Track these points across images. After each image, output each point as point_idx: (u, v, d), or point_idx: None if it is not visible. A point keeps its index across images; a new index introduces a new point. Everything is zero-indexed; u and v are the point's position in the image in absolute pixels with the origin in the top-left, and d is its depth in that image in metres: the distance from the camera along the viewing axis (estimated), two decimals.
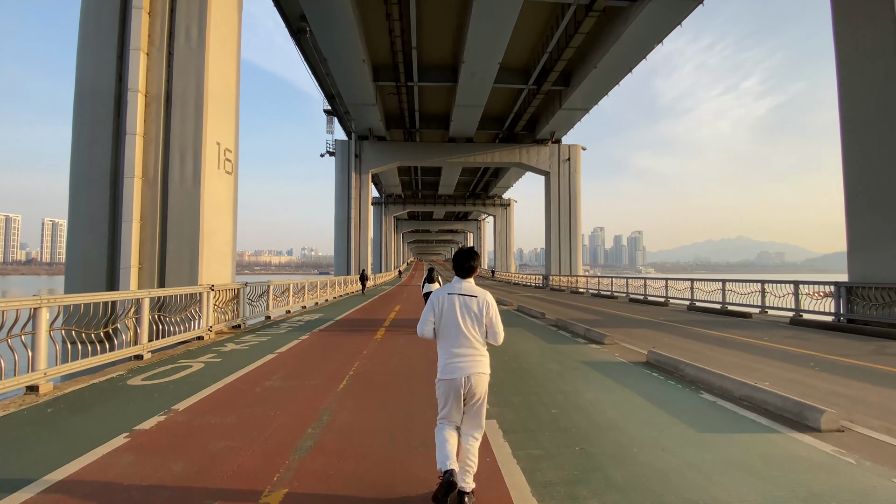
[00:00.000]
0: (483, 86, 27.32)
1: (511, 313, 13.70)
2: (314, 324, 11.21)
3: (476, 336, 2.68)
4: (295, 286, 15.12)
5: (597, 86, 27.99)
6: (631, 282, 23.14)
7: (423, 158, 38.35)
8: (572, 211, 38.05)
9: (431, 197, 65.88)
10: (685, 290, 18.51)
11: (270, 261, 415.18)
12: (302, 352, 7.37)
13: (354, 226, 36.69)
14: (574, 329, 9.42)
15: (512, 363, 6.44)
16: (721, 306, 15.82)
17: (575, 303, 18.91)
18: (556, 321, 10.82)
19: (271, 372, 5.92)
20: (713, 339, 8.73)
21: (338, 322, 11.60)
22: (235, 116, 10.72)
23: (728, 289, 16.07)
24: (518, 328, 10.19)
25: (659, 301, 19.02)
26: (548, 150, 38.24)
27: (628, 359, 6.69)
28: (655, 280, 21.32)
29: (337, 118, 37.78)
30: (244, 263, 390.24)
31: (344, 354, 7.11)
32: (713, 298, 16.61)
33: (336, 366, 6.24)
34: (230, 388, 5.11)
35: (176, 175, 9.29)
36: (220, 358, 6.87)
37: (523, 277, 45.89)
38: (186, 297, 8.42)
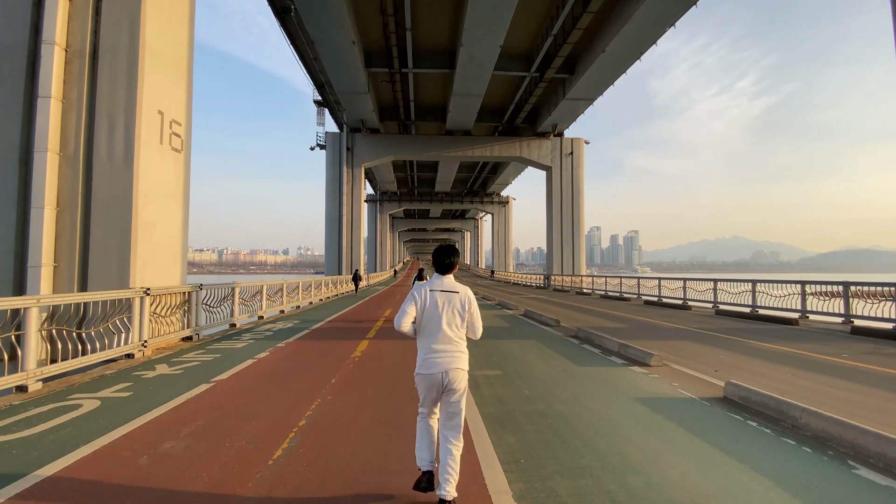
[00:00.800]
0: (482, 72, 25.46)
1: (518, 320, 11.86)
2: (284, 334, 9.32)
3: (457, 332, 2.67)
4: (270, 288, 13.21)
5: (603, 73, 26.18)
6: (642, 282, 21.37)
7: (418, 152, 36.45)
8: (575, 208, 36.26)
9: (428, 194, 64.00)
10: (706, 292, 16.75)
11: (266, 260, 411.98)
12: (246, 381, 5.47)
13: (346, 223, 34.74)
14: (604, 343, 7.58)
15: (535, 399, 4.60)
16: (751, 310, 14.07)
17: (585, 305, 17.10)
18: (577, 331, 8.98)
19: (185, 420, 4.04)
20: (780, 357, 6.92)
21: (314, 331, 9.72)
22: (187, 82, 8.80)
23: (758, 290, 14.32)
24: (531, 341, 8.35)
25: (676, 304, 17.27)
26: (549, 144, 36.42)
27: (696, 392, 4.85)
28: (670, 280, 19.56)
29: (328, 109, 35.81)
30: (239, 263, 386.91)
31: (302, 385, 5.23)
32: (741, 301, 14.86)
33: (282, 409, 4.35)
34: (96, 459, 3.23)
35: (103, 150, 7.37)
36: (130, 391, 4.97)
37: (523, 277, 44.10)
38: (110, 305, 6.52)
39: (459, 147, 35.96)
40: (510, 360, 6.60)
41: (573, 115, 33.95)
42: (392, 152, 35.92)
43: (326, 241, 35.32)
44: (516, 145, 36.26)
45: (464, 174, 55.60)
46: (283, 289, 14.17)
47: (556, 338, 8.70)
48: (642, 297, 20.61)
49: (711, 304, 16.19)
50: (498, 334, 9.19)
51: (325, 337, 8.98)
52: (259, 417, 4.08)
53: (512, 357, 6.79)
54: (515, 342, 8.13)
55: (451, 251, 2.79)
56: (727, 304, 15.41)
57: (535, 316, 11.90)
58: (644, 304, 17.81)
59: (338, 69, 25.86)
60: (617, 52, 23.71)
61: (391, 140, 36.04)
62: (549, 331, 9.63)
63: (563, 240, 36.14)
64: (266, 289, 12.82)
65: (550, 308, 15.56)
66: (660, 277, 20.14)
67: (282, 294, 14.11)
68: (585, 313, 13.93)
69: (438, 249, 2.80)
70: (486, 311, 14.37)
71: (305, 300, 17.10)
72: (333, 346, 7.83)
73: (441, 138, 35.90)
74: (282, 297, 14.11)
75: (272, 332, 9.67)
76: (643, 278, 21.66)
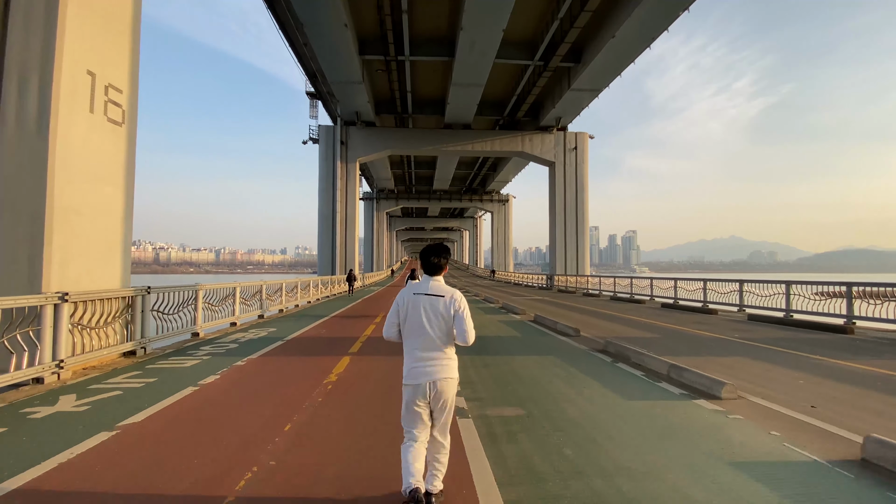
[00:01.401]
0: (484, 60, 23.91)
1: (529, 328, 10.33)
2: (251, 346, 7.77)
3: (441, 339, 2.50)
4: (246, 291, 11.64)
5: (612, 60, 24.66)
6: (656, 283, 19.87)
7: (416, 146, 34.89)
8: (579, 205, 34.77)
9: (426, 192, 62.43)
10: (730, 294, 15.25)
11: (264, 260, 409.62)
12: (162, 428, 3.90)
13: (340, 220, 33.15)
14: (646, 362, 6.04)
15: (584, 468, 3.04)
16: (785, 314, 12.59)
17: (597, 308, 15.59)
18: (605, 344, 7.44)
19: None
20: (872, 381, 5.41)
21: (289, 343, 8.16)
22: (131, 42, 7.22)
23: (792, 292, 12.84)
24: (551, 357, 6.82)
25: (695, 307, 15.78)
26: (552, 138, 34.91)
27: (816, 450, 3.31)
28: (688, 282, 18.08)
29: (321, 102, 34.22)
30: (237, 263, 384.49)
31: (238, 436, 3.67)
32: (772, 305, 13.37)
33: (204, 477, 2.81)
34: None
35: (11, 114, 5.79)
36: None
37: (525, 278, 42.57)
38: (5, 315, 4.95)
39: (459, 141, 34.42)
40: (532, 388, 5.07)
41: (577, 109, 32.46)
42: (388, 146, 34.34)
43: (319, 240, 33.72)
44: (518, 140, 34.73)
45: (463, 171, 54.06)
46: (261, 291, 12.60)
47: (581, 353, 7.16)
48: (655, 298, 19.13)
49: (737, 307, 14.72)
50: (509, 348, 7.66)
51: (300, 351, 7.43)
52: None
53: (533, 384, 5.26)
54: (533, 360, 6.60)
55: (439, 250, 2.61)
56: (756, 308, 13.94)
57: (547, 323, 10.36)
58: (661, 308, 16.31)
59: (329, 56, 24.27)
60: (627, 38, 22.20)
61: (387, 134, 34.46)
62: (569, 343, 8.10)
63: (566, 239, 34.64)
64: (241, 291, 11.25)
65: (561, 312, 14.04)
66: (676, 278, 18.65)
67: (259, 297, 12.53)
68: (600, 318, 12.41)
69: (426, 249, 2.62)
70: (491, 315, 12.84)
71: (290, 303, 15.54)
72: (305, 366, 6.28)
73: (440, 132, 34.34)
74: (260, 300, 12.54)
75: (238, 343, 8.11)
76: (657, 279, 20.17)
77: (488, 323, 11.03)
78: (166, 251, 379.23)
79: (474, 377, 5.52)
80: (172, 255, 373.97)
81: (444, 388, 2.45)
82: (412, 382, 2.47)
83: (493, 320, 11.63)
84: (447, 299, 2.51)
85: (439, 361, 2.48)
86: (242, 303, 11.41)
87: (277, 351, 7.40)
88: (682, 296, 17.56)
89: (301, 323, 11.17)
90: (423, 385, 2.43)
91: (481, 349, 7.28)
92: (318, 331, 9.79)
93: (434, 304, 2.49)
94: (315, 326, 10.52)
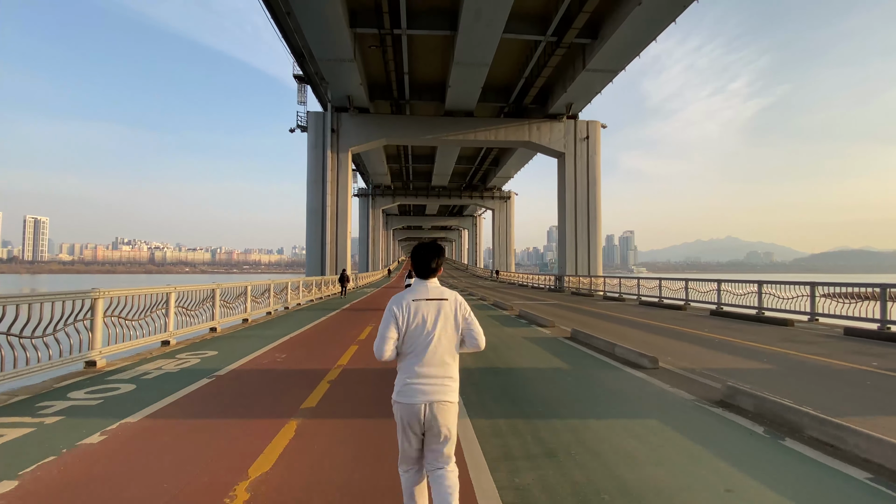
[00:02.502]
0: (490, 32, 21.09)
1: (572, 350, 7.50)
2: (150, 393, 4.88)
3: (450, 350, 2.12)
4: (187, 297, 8.76)
5: (634, 34, 21.86)
6: (691, 285, 17.07)
7: (414, 135, 32.02)
8: (591, 199, 31.99)
9: (424, 189, 59.56)
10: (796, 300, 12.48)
11: (260, 259, 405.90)
12: None
13: (331, 215, 30.25)
14: (850, 442, 3.21)
15: None
16: (879, 326, 9.89)
17: (636, 318, 12.78)
18: (728, 393, 4.44)
19: None
20: None
21: (213, 385, 5.28)
22: None
23: None
24: (653, 422, 3.96)
25: (748, 314, 13.03)
26: (562, 127, 32.12)
27: None
28: (728, 282, 15.35)
29: (310, 86, 31.34)
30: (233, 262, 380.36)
31: None
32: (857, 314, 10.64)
33: None
34: None
35: None
36: None
37: (532, 278, 39.71)
38: None
39: (460, 130, 31.58)
40: None
41: (589, 95, 29.70)
42: (384, 135, 31.45)
43: (308, 237, 30.81)
44: (525, 128, 31.92)
45: (463, 166, 51.25)
46: (214, 296, 9.70)
47: (691, 407, 4.29)
48: (690, 303, 16.35)
49: (808, 315, 11.96)
50: (564, 395, 4.77)
51: (222, 404, 4.54)
52: None
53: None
54: (621, 428, 3.74)
55: (434, 250, 2.23)
56: (828, 316, 11.22)
57: (596, 343, 7.52)
58: (711, 315, 13.52)
59: (317, 28, 21.40)
60: (655, 4, 19.44)
61: (382, 121, 31.57)
62: (651, 383, 5.24)
63: (577, 236, 31.85)
64: (180, 298, 8.37)
65: (596, 324, 11.24)
66: (718, 280, 15.87)
67: (211, 302, 9.64)
68: (652, 332, 9.61)
69: (419, 248, 2.23)
70: (512, 329, 10.02)
71: (261, 310, 12.68)
72: (210, 446, 3.43)
73: (439, 120, 31.49)
74: (212, 308, 9.65)
75: (139, 383, 5.24)
76: (694, 280, 17.38)
77: (513, 342, 8.20)
78: (162, 251, 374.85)
79: (532, 485, 2.71)
80: (168, 254, 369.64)
81: (441, 412, 2.04)
82: (405, 401, 2.06)
83: (517, 337, 8.79)
84: (452, 302, 2.15)
85: (440, 380, 2.08)
86: (184, 313, 8.54)
87: (188, 401, 4.54)
88: (729, 300, 14.81)
89: (260, 340, 8.32)
90: (416, 406, 2.03)
91: (520, 398, 4.52)
92: (276, 355, 6.92)
93: (441, 309, 2.12)
94: (275, 347, 7.66)
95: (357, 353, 7.04)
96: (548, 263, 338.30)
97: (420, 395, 2.03)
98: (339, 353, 7.02)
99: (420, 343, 2.08)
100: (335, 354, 6.96)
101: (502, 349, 7.34)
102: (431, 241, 2.31)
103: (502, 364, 6.17)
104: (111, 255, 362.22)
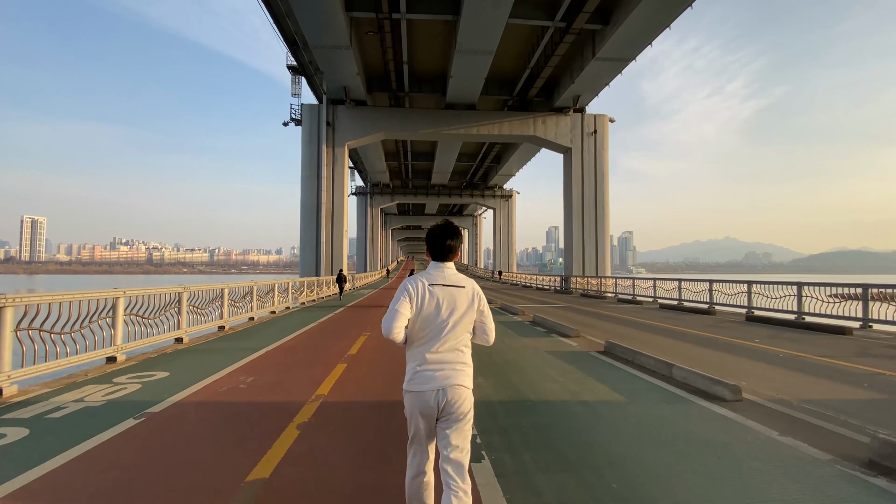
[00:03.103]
0: (495, 15, 19.66)
1: (616, 371, 6.05)
2: (72, 433, 3.46)
3: (463, 339, 2.03)
4: (134, 302, 7.27)
5: (648, 18, 20.42)
6: (716, 286, 15.61)
7: (413, 129, 30.55)
8: (599, 197, 30.58)
9: (423, 187, 58.08)
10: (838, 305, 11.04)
11: (258, 260, 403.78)
12: None
13: (326, 212, 28.76)
14: None
15: None
16: None
17: (663, 323, 11.34)
18: (881, 450, 3.07)
19: None
20: None
21: (138, 430, 3.81)
22: None
23: None
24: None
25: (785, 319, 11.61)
26: (569, 121, 30.71)
27: None
28: (760, 283, 13.94)
29: (305, 78, 29.84)
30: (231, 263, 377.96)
31: None
32: None
33: None
34: None
35: None
36: None
37: (536, 279, 38.22)
38: None
39: (462, 124, 30.13)
40: None
41: (596, 87, 28.31)
42: (382, 129, 29.98)
43: (302, 236, 29.30)
44: (529, 122, 30.49)
45: (464, 164, 49.80)
46: (181, 301, 8.21)
47: (835, 476, 2.82)
48: (715, 307, 14.89)
49: (860, 321, 10.54)
50: (634, 453, 3.27)
51: (124, 474, 3.08)
52: None
53: None
54: None
55: (451, 231, 2.10)
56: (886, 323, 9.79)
57: (643, 363, 6.04)
58: (746, 321, 12.08)
59: (310, 12, 19.94)
60: None
61: (380, 114, 30.10)
62: (754, 430, 3.75)
63: (584, 235, 30.42)
64: (130, 303, 6.90)
65: (621, 331, 9.82)
66: (749, 281, 14.46)
67: (179, 310, 8.16)
68: (695, 343, 8.18)
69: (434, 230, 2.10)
70: (530, 339, 8.57)
71: (242, 315, 11.22)
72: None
73: (440, 113, 30.04)
74: (178, 315, 8.17)
75: (39, 426, 3.78)
76: (719, 281, 15.95)
77: (537, 359, 6.72)
78: (160, 251, 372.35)
79: None
80: (166, 255, 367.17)
81: (456, 396, 1.93)
82: (415, 389, 1.96)
83: (540, 351, 7.33)
84: (469, 290, 2.03)
85: (453, 366, 1.97)
86: (138, 321, 7.06)
87: (83, 464, 3.08)
88: (759, 303, 13.38)
89: (228, 355, 6.85)
90: (428, 393, 1.93)
91: (575, 459, 3.08)
92: (240, 378, 5.45)
93: (458, 297, 2.00)
94: (244, 366, 6.19)
95: (345, 376, 5.58)
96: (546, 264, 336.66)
97: (432, 381, 1.95)
98: (321, 376, 5.56)
99: (433, 329, 1.99)
100: (316, 377, 5.49)
101: (528, 370, 5.89)
102: (447, 222, 2.14)
103: (533, 394, 4.73)
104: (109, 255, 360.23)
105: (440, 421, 1.94)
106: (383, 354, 6.96)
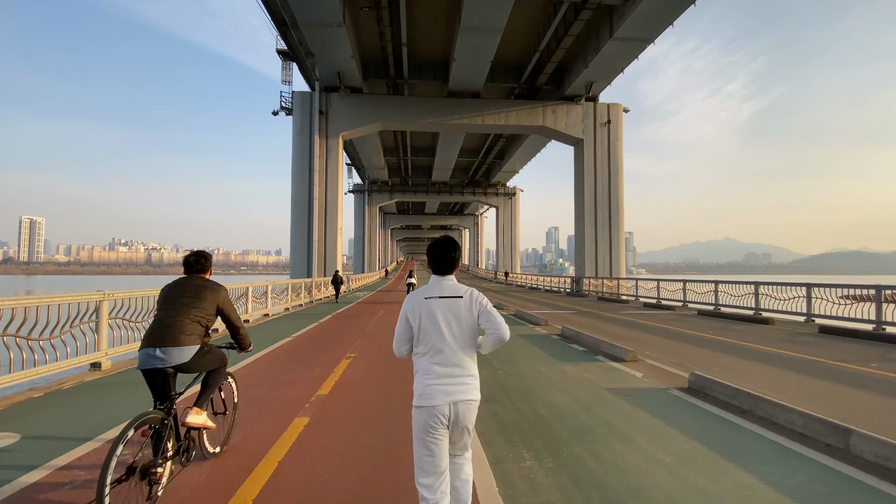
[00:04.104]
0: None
1: (720, 426, 3.87)
2: None
3: (465, 350, 2.07)
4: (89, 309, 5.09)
5: None
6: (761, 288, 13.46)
7: (413, 118, 28.39)
8: (613, 191, 28.43)
9: (424, 185, 55.95)
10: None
11: (258, 260, 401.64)
12: None
13: (318, 208, 26.60)
14: None
15: None
16: None
17: (725, 338, 9.17)
18: None
19: None
20: None
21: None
22: None
23: None
24: None
25: (849, 327, 9.53)
26: (580, 111, 28.57)
27: None
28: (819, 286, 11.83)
29: (296, 64, 27.71)
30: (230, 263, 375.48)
31: None
32: None
33: None
34: None
35: None
36: None
37: (543, 280, 35.97)
38: None
39: (465, 114, 27.99)
40: None
41: (610, 73, 26.17)
42: (379, 118, 27.82)
43: (292, 235, 27.13)
44: (538, 112, 28.34)
45: (466, 159, 47.67)
46: (100, 312, 6.03)
47: None
48: (762, 312, 12.75)
49: None
50: None
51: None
52: None
53: None
54: None
55: (451, 245, 2.17)
56: None
57: (798, 426, 3.90)
58: (819, 333, 9.89)
59: None
60: None
61: (378, 103, 27.95)
62: None
63: (597, 233, 28.26)
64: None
65: (692, 353, 7.67)
66: (808, 284, 12.31)
67: (98, 324, 5.98)
68: (827, 379, 6.04)
69: (435, 245, 2.16)
70: (568, 364, 6.38)
71: None
72: None
73: (442, 102, 27.91)
74: (96, 331, 5.99)
75: None
76: (765, 284, 13.81)
77: (600, 406, 4.45)
78: (159, 252, 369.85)
79: None
80: (165, 255, 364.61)
81: (465, 411, 2.02)
82: (426, 404, 1.99)
83: (598, 388, 5.13)
84: (467, 299, 2.08)
85: (461, 379, 2.04)
86: (22, 344, 4.89)
87: None
88: (827, 311, 11.26)
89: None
90: (440, 408, 1.98)
91: None
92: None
93: (454, 308, 2.07)
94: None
95: (314, 433, 3.41)
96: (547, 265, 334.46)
97: (443, 395, 1.99)
98: (289, 411, 3.38)
99: (435, 343, 2.04)
100: (303, 394, 3.31)
101: (599, 434, 3.61)
102: (446, 237, 2.20)
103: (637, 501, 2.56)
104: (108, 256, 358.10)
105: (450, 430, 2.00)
106: (373, 393, 4.80)
